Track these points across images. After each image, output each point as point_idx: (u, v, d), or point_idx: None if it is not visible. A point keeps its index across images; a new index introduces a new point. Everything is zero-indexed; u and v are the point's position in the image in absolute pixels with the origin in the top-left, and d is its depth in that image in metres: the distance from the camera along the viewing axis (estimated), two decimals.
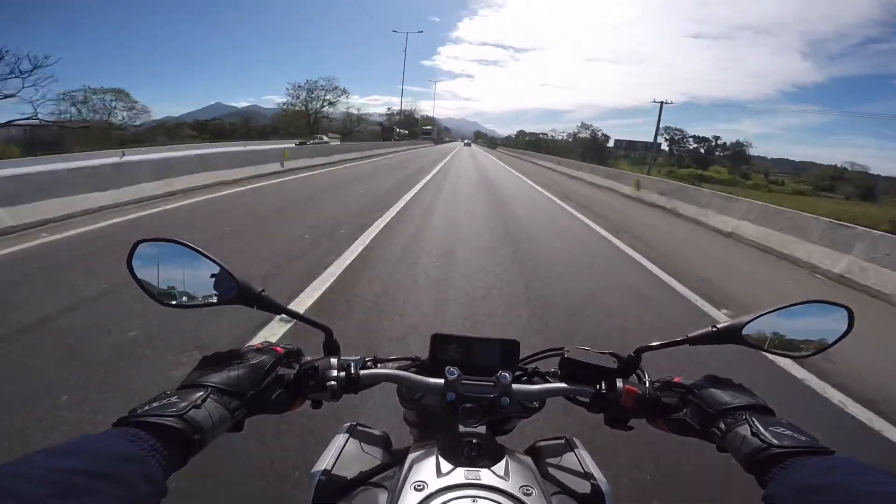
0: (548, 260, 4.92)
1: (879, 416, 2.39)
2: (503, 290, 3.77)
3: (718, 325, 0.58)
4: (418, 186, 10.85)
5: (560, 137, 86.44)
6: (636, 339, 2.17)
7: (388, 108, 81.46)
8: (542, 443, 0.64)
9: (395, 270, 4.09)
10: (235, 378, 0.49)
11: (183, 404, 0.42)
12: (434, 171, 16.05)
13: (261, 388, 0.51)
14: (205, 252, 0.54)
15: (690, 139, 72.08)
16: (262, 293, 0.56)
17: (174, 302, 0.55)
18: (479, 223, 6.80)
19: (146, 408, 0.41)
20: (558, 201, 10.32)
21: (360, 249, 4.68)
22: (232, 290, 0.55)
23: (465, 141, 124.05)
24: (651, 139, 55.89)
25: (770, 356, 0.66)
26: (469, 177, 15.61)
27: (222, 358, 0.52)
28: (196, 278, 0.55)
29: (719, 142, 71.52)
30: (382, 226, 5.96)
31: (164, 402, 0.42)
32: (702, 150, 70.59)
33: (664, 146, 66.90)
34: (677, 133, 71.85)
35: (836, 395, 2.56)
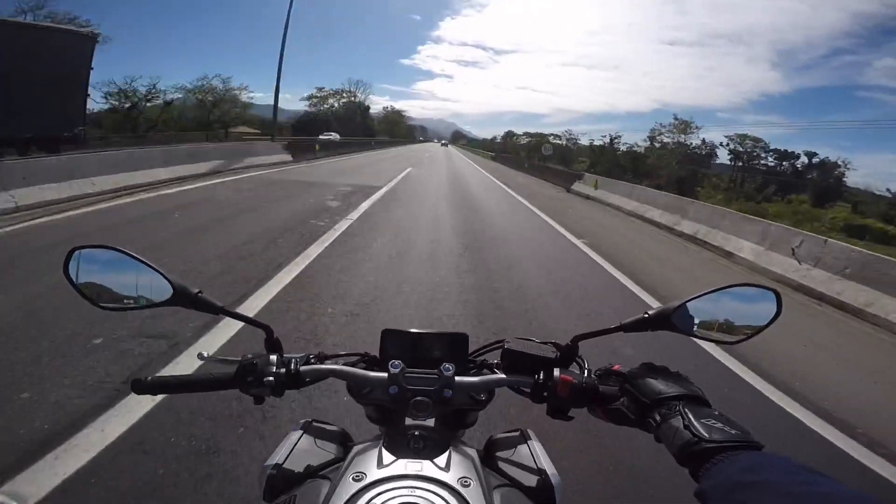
0: None
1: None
2: None
3: (649, 312, 0.59)
4: None
5: (575, 142, 60.63)
6: None
7: (317, 91, 61.83)
8: (499, 436, 0.65)
9: None
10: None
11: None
12: None
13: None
14: (140, 257, 0.56)
15: (768, 154, 45.16)
16: (199, 294, 0.57)
17: (112, 305, 0.57)
18: None
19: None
20: None
21: None
22: (168, 292, 0.57)
23: (442, 142, 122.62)
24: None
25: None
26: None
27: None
28: (133, 282, 0.57)
29: (801, 160, 44.40)
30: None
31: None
32: (779, 168, 44.72)
33: (722, 157, 45.70)
34: (750, 145, 44.77)
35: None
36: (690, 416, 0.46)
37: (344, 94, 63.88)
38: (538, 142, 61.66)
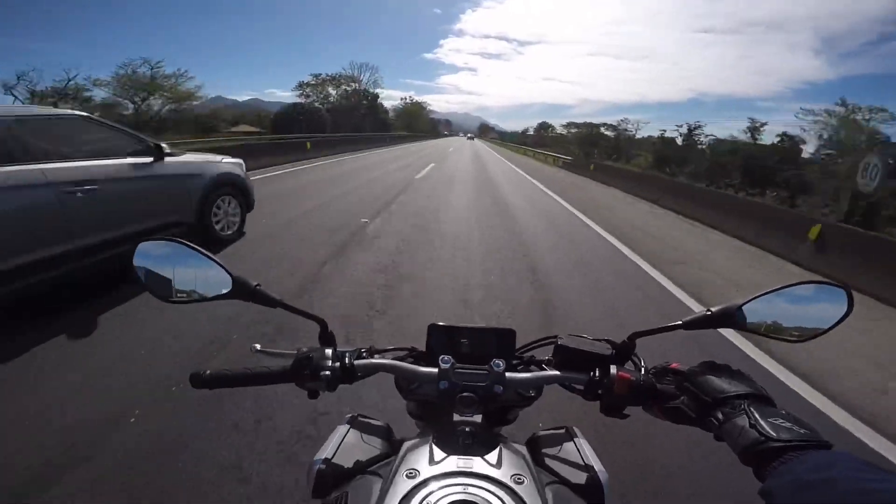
0: None
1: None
2: None
3: (713, 309, 0.57)
4: None
5: (631, 134, 49.59)
6: None
7: (313, 78, 50.92)
8: (543, 433, 0.64)
9: None
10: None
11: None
12: None
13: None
14: (202, 250, 0.57)
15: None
16: (257, 287, 0.59)
17: (174, 298, 0.59)
18: None
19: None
20: None
21: None
22: (227, 285, 0.58)
23: (468, 135, 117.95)
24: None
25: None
26: None
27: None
28: (194, 275, 0.59)
29: None
30: None
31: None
32: None
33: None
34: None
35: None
36: (756, 415, 0.45)
37: (343, 81, 51.55)
38: (586, 133, 52.21)
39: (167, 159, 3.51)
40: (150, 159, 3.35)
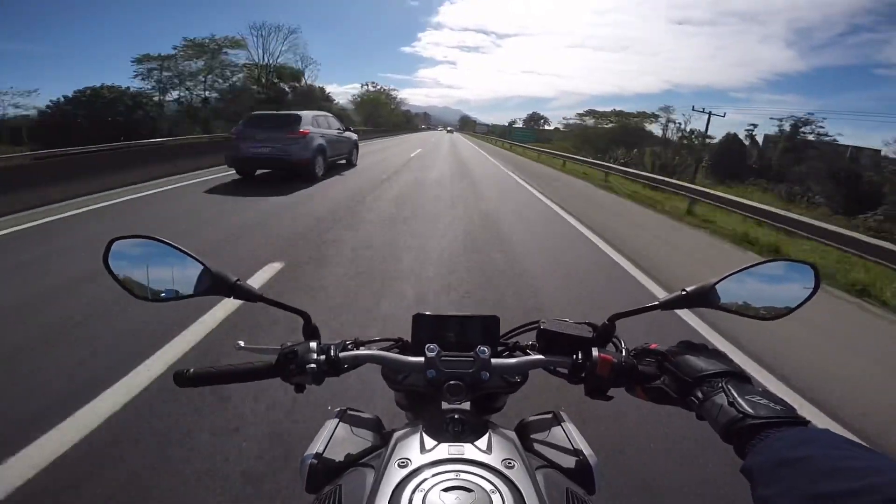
0: None
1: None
2: None
3: (688, 289, 0.59)
4: None
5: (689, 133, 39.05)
6: None
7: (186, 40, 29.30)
8: (531, 418, 0.65)
9: None
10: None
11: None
12: None
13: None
14: (178, 246, 0.56)
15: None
16: (237, 282, 0.58)
17: (150, 297, 0.57)
18: None
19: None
20: None
21: None
22: (206, 281, 0.57)
23: (448, 129, 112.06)
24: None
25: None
26: None
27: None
28: (171, 272, 0.57)
29: None
30: None
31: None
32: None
33: None
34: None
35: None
36: (734, 392, 0.46)
37: (223, 47, 30.21)
38: (615, 128, 42.50)
39: (346, 133, 10.72)
40: (344, 131, 10.51)
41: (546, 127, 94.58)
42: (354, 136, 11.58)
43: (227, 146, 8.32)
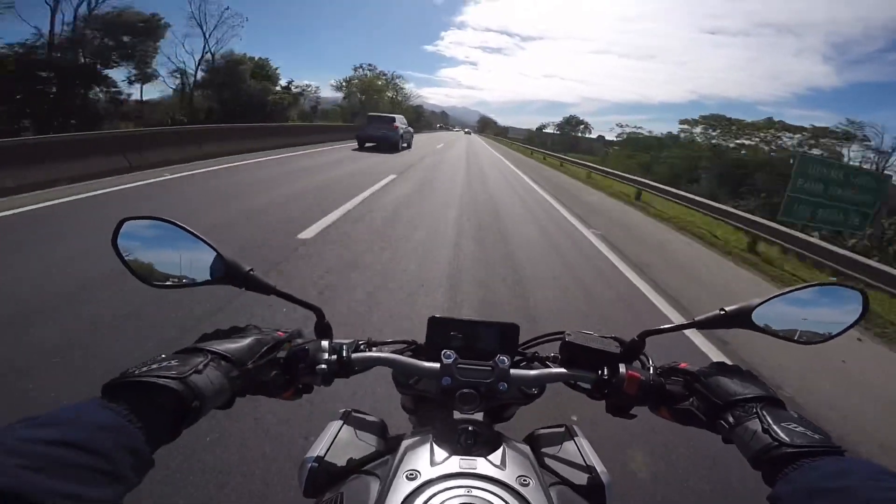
0: None
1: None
2: None
3: (727, 309, 0.56)
4: None
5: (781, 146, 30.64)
6: None
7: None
8: (542, 431, 0.63)
9: None
10: (236, 349, 0.49)
11: (184, 368, 0.41)
12: None
13: (260, 362, 0.50)
14: (192, 230, 0.53)
15: None
16: (251, 272, 0.55)
17: (161, 283, 0.54)
18: None
19: (143, 369, 0.40)
20: None
21: None
22: (219, 269, 0.54)
23: (466, 130, 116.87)
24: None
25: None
26: None
27: (224, 332, 0.52)
28: (182, 257, 0.54)
29: None
30: None
31: (163, 364, 0.41)
32: None
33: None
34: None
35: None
36: (769, 419, 0.44)
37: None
38: (766, 142, 28.90)
39: (409, 128, 20.33)
40: (408, 127, 20.03)
41: (587, 135, 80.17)
42: (412, 129, 20.57)
43: (357, 130, 18.16)
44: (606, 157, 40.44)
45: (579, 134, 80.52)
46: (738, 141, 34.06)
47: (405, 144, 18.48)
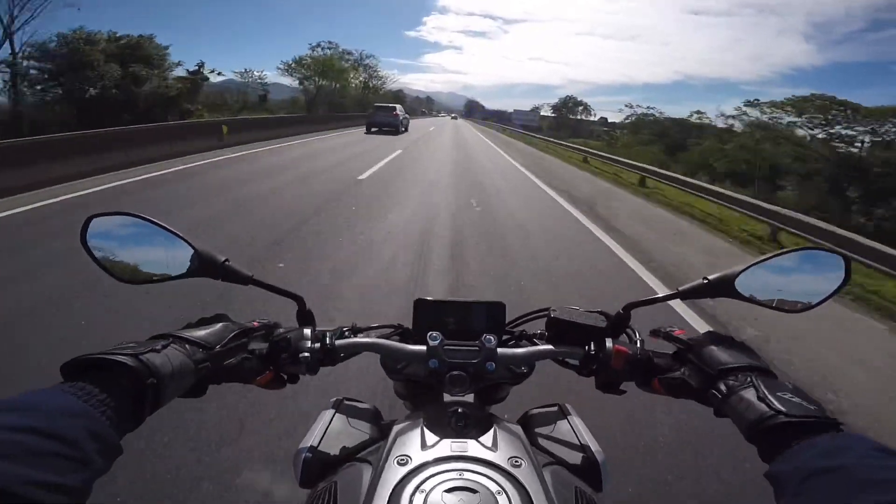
0: None
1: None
2: None
3: (710, 278, 0.55)
4: None
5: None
6: None
7: None
8: (535, 411, 0.63)
9: None
10: (202, 333, 0.48)
11: (141, 348, 0.40)
12: None
13: (228, 346, 0.49)
14: (163, 224, 0.52)
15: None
16: (226, 263, 0.54)
17: (133, 279, 0.53)
18: None
19: (101, 351, 0.39)
20: None
21: None
22: (193, 261, 0.53)
23: (452, 115, 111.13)
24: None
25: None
26: None
27: (194, 324, 0.52)
28: (155, 252, 0.53)
29: None
30: None
31: (121, 345, 0.40)
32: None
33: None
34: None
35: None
36: (764, 388, 0.43)
37: None
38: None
39: (406, 114, 24.83)
40: (405, 114, 24.12)
41: (588, 117, 73.22)
42: (409, 116, 24.88)
43: (366, 117, 22.13)
44: (613, 141, 35.27)
45: (579, 117, 72.64)
46: (848, 131, 24.24)
47: (403, 129, 21.90)
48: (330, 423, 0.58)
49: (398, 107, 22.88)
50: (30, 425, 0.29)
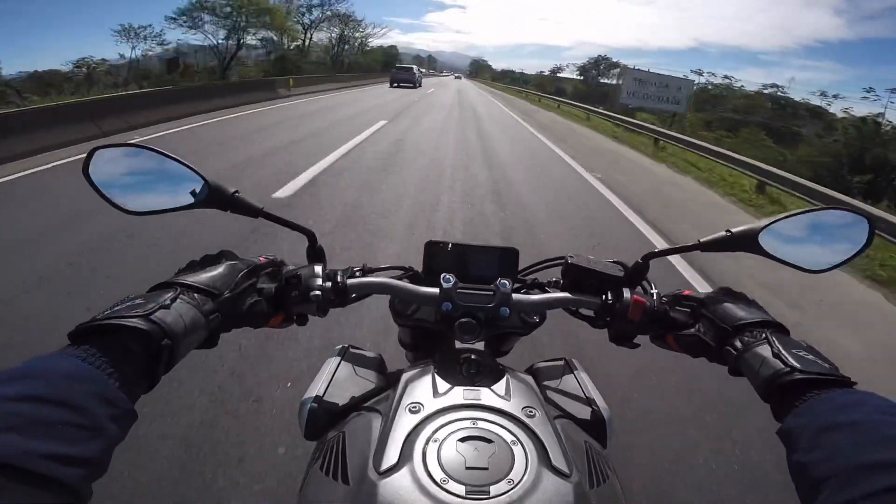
0: None
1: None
2: None
3: (733, 230, 0.53)
4: None
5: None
6: None
7: None
8: (541, 364, 0.63)
9: None
10: (209, 278, 0.45)
11: (150, 305, 0.37)
12: None
13: (237, 290, 0.46)
14: (170, 154, 0.50)
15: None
16: (236, 194, 0.52)
17: (139, 209, 0.51)
18: None
19: (106, 312, 0.36)
20: None
21: None
22: (202, 192, 0.51)
23: (456, 74, 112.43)
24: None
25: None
26: None
27: (197, 263, 0.48)
28: (162, 182, 0.51)
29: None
30: None
31: (127, 304, 0.38)
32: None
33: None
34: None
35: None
36: (779, 344, 0.42)
37: None
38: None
39: (418, 72, 29.90)
40: (418, 71, 30.11)
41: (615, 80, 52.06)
42: (423, 72, 31.22)
43: (388, 73, 29.23)
44: (677, 122, 19.08)
45: (612, 80, 53.41)
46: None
47: (419, 85, 27.27)
48: (335, 372, 0.57)
49: (415, 67, 30.40)
50: (33, 394, 0.27)
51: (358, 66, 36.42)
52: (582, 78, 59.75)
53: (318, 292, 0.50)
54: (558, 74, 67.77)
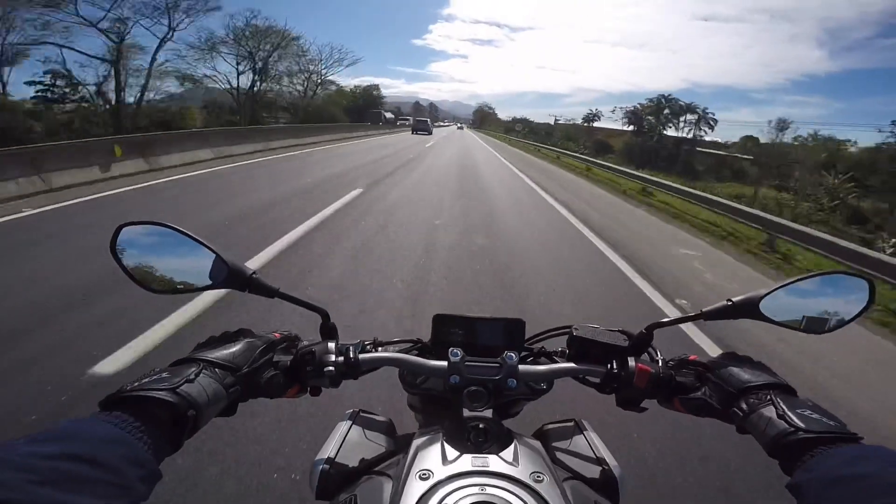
0: None
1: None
2: None
3: (734, 300, 0.55)
4: None
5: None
6: None
7: None
8: (551, 426, 0.63)
9: None
10: (229, 354, 0.48)
11: (175, 379, 0.41)
12: None
13: (255, 365, 0.50)
14: (192, 234, 0.52)
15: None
16: (254, 276, 0.54)
17: (161, 288, 0.53)
18: None
19: (135, 384, 0.40)
20: None
21: None
22: (221, 273, 0.53)
23: (458, 124, 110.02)
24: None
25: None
26: None
27: (216, 340, 0.51)
28: (184, 262, 0.53)
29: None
30: None
31: (154, 377, 0.41)
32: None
33: None
34: None
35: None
36: (784, 405, 0.44)
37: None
38: None
39: (431, 123, 42.01)
40: (430, 122, 41.11)
41: (699, 133, 40.90)
42: (431, 123, 41.36)
43: (410, 125, 41.39)
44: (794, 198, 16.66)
45: (680, 133, 40.92)
46: None
47: (430, 133, 35.85)
48: (346, 435, 0.58)
49: (428, 120, 41.32)
50: (72, 453, 0.30)
51: (313, 113, 27.67)
52: (633, 128, 43.45)
53: (331, 368, 0.53)
54: (593, 124, 53.17)
